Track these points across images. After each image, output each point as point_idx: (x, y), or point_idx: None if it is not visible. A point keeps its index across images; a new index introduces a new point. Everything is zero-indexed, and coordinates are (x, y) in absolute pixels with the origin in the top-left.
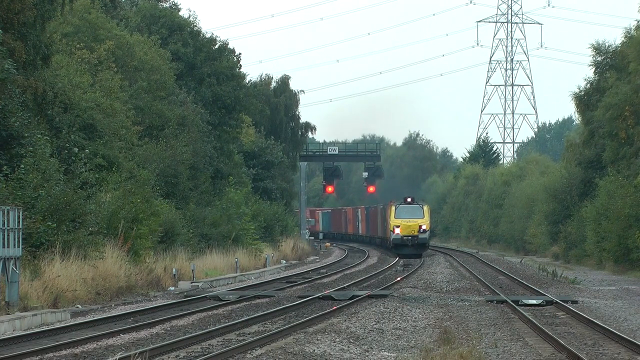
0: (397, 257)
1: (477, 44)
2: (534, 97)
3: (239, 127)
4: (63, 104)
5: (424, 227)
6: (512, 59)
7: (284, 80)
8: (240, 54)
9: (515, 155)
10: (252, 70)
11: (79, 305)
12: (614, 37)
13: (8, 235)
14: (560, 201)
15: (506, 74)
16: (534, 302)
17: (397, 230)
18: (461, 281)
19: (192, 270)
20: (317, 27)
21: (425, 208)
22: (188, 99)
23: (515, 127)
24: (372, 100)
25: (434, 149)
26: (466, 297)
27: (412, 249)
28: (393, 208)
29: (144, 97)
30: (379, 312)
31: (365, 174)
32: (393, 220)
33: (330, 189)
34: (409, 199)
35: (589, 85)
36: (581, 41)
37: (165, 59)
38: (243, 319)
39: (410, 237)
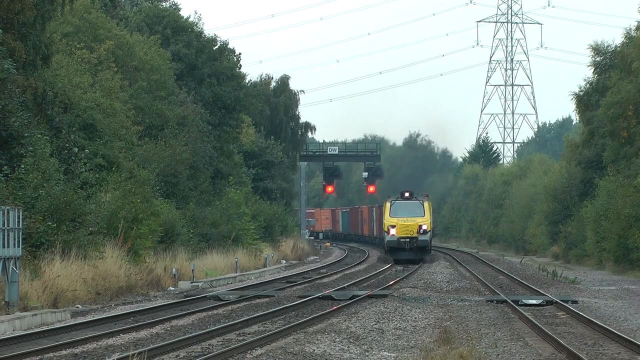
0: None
1: (477, 44)
2: (534, 97)
3: (239, 127)
4: (63, 104)
5: (424, 227)
6: (512, 59)
7: (284, 80)
8: (240, 54)
9: (515, 155)
10: (252, 70)
11: (79, 305)
12: (613, 37)
13: (8, 235)
14: (560, 201)
15: (506, 74)
16: (534, 302)
17: (393, 231)
18: (461, 281)
19: (192, 270)
20: (317, 27)
21: (426, 205)
22: (188, 98)
23: (515, 127)
24: (372, 100)
25: (435, 149)
26: (466, 297)
27: (410, 253)
28: (388, 205)
29: (144, 97)
30: (379, 312)
31: (365, 174)
32: (388, 219)
33: (330, 189)
34: (406, 194)
35: (588, 85)
36: (581, 41)
37: (165, 59)
38: (243, 319)
39: (408, 239)
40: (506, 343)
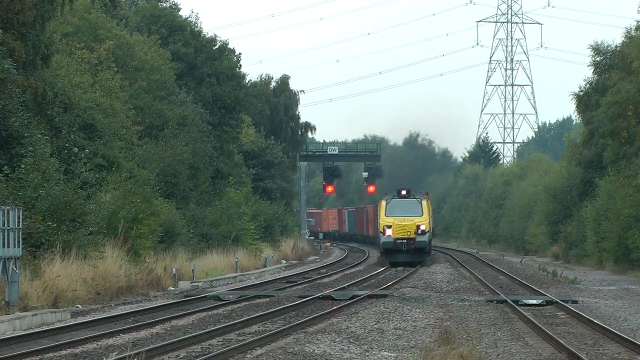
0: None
1: (477, 44)
2: (534, 97)
3: (239, 127)
4: (63, 104)
5: (422, 227)
6: (512, 59)
7: (284, 80)
8: (240, 54)
9: (515, 155)
10: (252, 70)
11: (79, 305)
12: (613, 37)
13: (8, 235)
14: (560, 201)
15: (506, 74)
16: (534, 302)
17: (389, 232)
18: (461, 281)
19: (192, 270)
20: (317, 27)
21: (425, 203)
22: (188, 98)
23: (515, 127)
24: (372, 100)
25: (435, 149)
26: (466, 297)
27: (407, 255)
28: (384, 203)
29: (144, 97)
30: (379, 312)
31: (365, 174)
32: (384, 219)
33: (330, 188)
34: (403, 192)
35: (588, 85)
36: (581, 41)
37: (165, 59)
38: (243, 319)
39: (405, 241)
40: (506, 343)
